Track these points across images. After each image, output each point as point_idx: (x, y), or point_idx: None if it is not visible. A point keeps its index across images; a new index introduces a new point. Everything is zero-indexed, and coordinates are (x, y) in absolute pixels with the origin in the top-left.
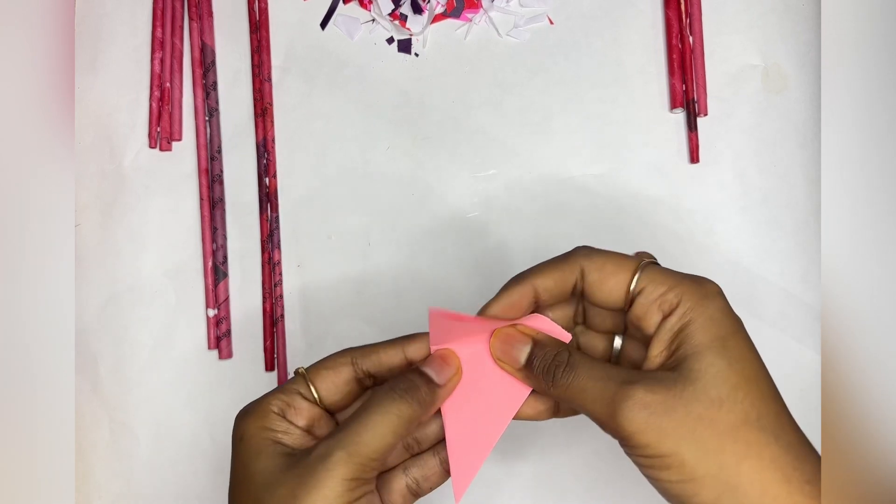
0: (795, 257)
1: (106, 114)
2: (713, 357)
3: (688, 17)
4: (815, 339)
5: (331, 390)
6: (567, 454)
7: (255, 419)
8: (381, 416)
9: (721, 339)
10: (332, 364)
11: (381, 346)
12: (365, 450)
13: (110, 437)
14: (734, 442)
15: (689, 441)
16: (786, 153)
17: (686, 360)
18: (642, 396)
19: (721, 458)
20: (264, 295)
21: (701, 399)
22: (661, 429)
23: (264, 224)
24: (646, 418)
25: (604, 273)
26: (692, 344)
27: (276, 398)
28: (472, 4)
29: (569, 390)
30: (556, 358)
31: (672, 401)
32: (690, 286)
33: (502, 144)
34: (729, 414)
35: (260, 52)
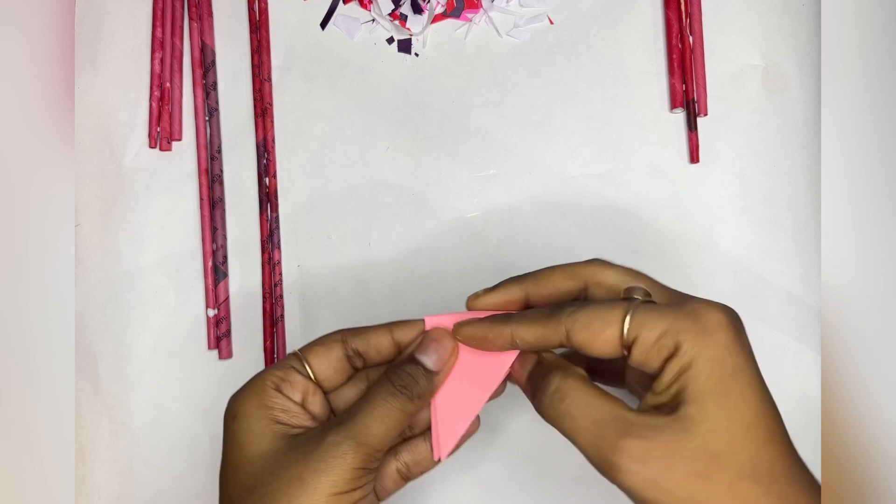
0: (796, 257)
1: (106, 114)
2: (714, 406)
3: (688, 16)
4: (815, 339)
5: (323, 366)
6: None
7: (251, 396)
8: (387, 409)
9: (722, 383)
10: (323, 341)
11: (372, 328)
12: (373, 440)
13: (110, 437)
14: (728, 499)
15: (686, 498)
16: (786, 153)
17: (687, 406)
18: (642, 450)
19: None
20: (264, 295)
21: (700, 456)
22: (658, 485)
23: (264, 224)
24: (645, 472)
25: (591, 331)
26: (694, 390)
27: (270, 374)
28: (472, 4)
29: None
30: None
31: (672, 455)
32: (687, 324)
33: (502, 144)
34: (725, 470)
35: (260, 52)
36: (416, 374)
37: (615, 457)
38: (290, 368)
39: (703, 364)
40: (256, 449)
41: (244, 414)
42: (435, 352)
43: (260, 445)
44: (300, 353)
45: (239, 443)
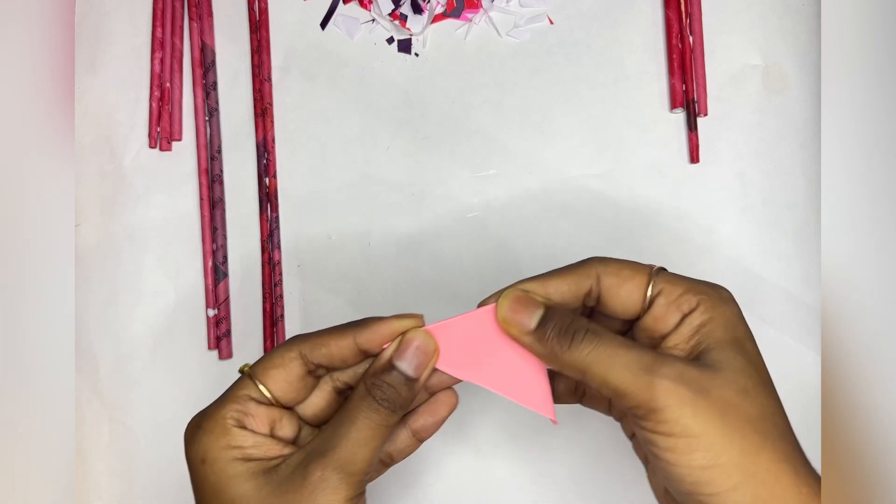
0: (795, 257)
1: (106, 114)
2: (735, 353)
3: (688, 17)
4: (815, 339)
5: (284, 389)
6: (570, 449)
7: (214, 437)
8: (371, 430)
9: (739, 341)
10: (280, 361)
11: (331, 335)
12: (361, 467)
13: (110, 437)
14: (756, 432)
15: (719, 424)
16: (786, 153)
17: (710, 353)
18: (681, 370)
19: (744, 445)
20: (264, 295)
21: (730, 386)
22: (695, 406)
23: (264, 224)
24: (683, 392)
25: (620, 277)
26: (715, 338)
27: (229, 409)
28: (472, 4)
29: (591, 356)
30: (574, 322)
31: (706, 382)
32: (707, 289)
33: (502, 144)
34: (752, 406)
35: (260, 52)
36: (398, 385)
37: (657, 373)
38: (248, 399)
39: (720, 322)
40: (237, 491)
41: (213, 457)
42: (415, 357)
43: (240, 487)
44: (254, 377)
45: (215, 487)
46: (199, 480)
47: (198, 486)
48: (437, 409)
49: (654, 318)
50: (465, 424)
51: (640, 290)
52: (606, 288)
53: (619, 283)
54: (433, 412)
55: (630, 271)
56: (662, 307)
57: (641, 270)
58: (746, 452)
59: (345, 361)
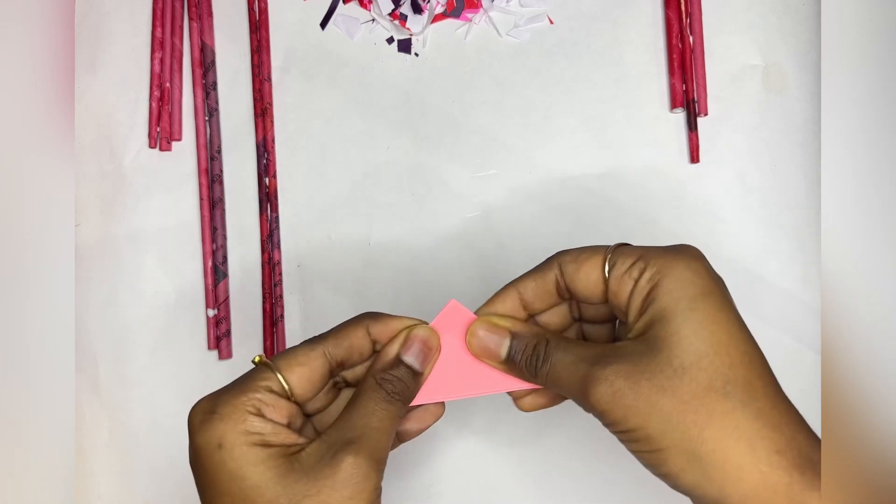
0: (795, 257)
1: (106, 114)
2: (678, 323)
3: (688, 16)
4: (815, 339)
5: (304, 387)
6: (570, 448)
7: (232, 423)
8: (389, 421)
9: (689, 301)
10: (304, 359)
11: (348, 331)
12: (384, 455)
13: (110, 437)
14: (695, 411)
15: (652, 414)
16: (786, 153)
17: (653, 327)
18: (608, 375)
19: (683, 427)
20: (264, 295)
21: (664, 370)
22: (626, 406)
23: (264, 224)
24: (611, 397)
25: (578, 262)
26: (658, 307)
27: (247, 397)
28: (472, 4)
29: (548, 379)
30: (535, 350)
31: (636, 375)
32: (659, 251)
33: (502, 144)
34: (691, 382)
35: (260, 52)
36: (407, 379)
37: (587, 386)
38: (268, 391)
39: (667, 284)
40: (260, 478)
41: (231, 442)
42: (420, 352)
43: (263, 473)
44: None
45: (235, 473)
46: (213, 466)
47: (212, 473)
48: (424, 417)
49: (613, 293)
50: (465, 424)
51: (597, 270)
52: (568, 276)
53: (577, 269)
54: (420, 419)
55: (587, 254)
56: (616, 280)
57: (598, 251)
58: (686, 436)
59: (362, 355)
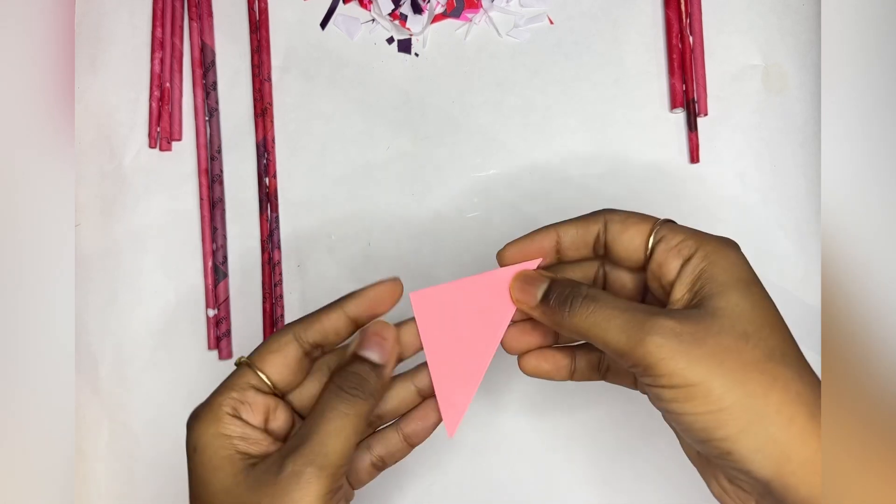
0: (795, 257)
1: (106, 114)
2: (737, 297)
3: (688, 16)
4: (815, 339)
5: (282, 374)
6: (570, 447)
7: (208, 425)
8: (341, 420)
9: (744, 283)
10: (276, 346)
11: (322, 312)
12: (334, 458)
13: (110, 437)
14: (761, 374)
15: (717, 370)
16: (786, 153)
17: (711, 299)
18: (672, 325)
19: (748, 388)
20: (264, 295)
21: (728, 332)
22: (689, 356)
23: (264, 224)
24: (676, 345)
25: (626, 224)
26: (716, 283)
27: (226, 398)
28: (472, 4)
29: (590, 318)
30: (573, 290)
31: (701, 332)
32: (709, 237)
33: (502, 144)
34: (755, 349)
35: (260, 52)
36: (364, 372)
37: (649, 330)
38: (247, 388)
39: (722, 265)
40: (220, 485)
41: (203, 445)
42: (377, 344)
43: (223, 482)
44: (252, 363)
45: (201, 479)
46: (190, 469)
47: (190, 476)
48: (427, 413)
49: (658, 264)
50: (465, 423)
51: (642, 236)
52: (612, 235)
53: (623, 230)
54: (424, 417)
55: (635, 220)
56: (663, 253)
57: (647, 220)
58: (752, 395)
59: (338, 335)
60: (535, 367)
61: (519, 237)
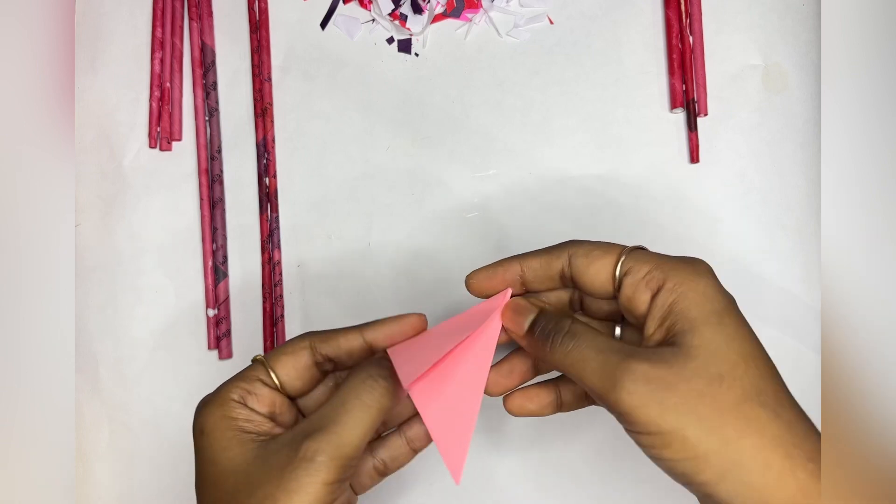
0: (795, 257)
1: (106, 113)
2: (710, 333)
3: (688, 16)
4: (815, 339)
5: (291, 375)
6: (570, 448)
7: (214, 409)
8: (362, 411)
9: (716, 315)
10: (291, 349)
11: (342, 331)
12: (346, 451)
13: (110, 437)
14: (735, 418)
15: (691, 417)
16: (786, 153)
17: (683, 336)
18: (644, 371)
19: (723, 434)
20: (264, 295)
21: (701, 375)
22: (662, 404)
23: (264, 224)
24: (647, 393)
25: (590, 258)
26: (687, 319)
27: (234, 386)
28: (472, 4)
29: (568, 357)
30: (557, 324)
31: (673, 377)
32: (677, 264)
33: (502, 144)
34: (729, 391)
35: (260, 52)
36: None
37: (620, 377)
38: (256, 381)
39: (693, 297)
40: (229, 464)
41: (210, 427)
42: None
43: (232, 460)
44: (266, 361)
45: (210, 458)
46: (197, 452)
47: (197, 457)
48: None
49: (627, 298)
50: None
51: (607, 269)
52: (576, 268)
53: (587, 264)
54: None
55: (600, 252)
56: (630, 287)
57: (612, 251)
58: (727, 441)
59: (351, 355)
60: (521, 408)
61: (484, 266)
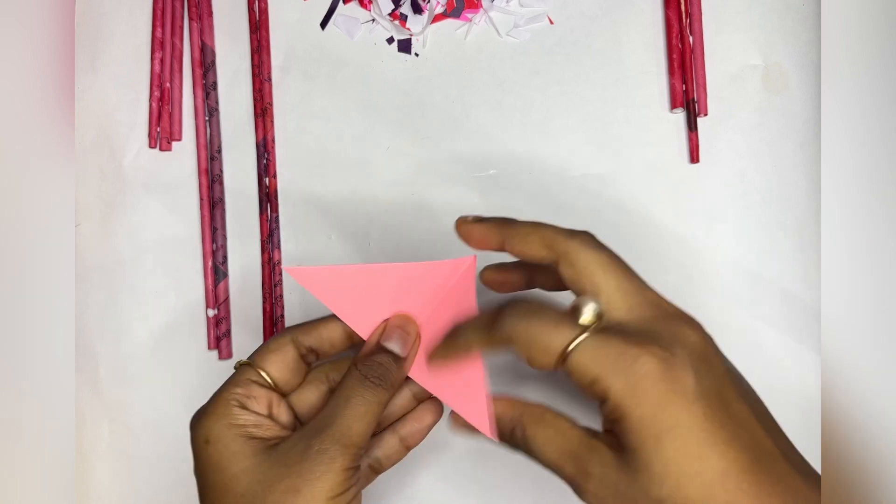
0: (795, 257)
1: (106, 113)
2: (650, 458)
3: (688, 16)
4: (815, 339)
5: (282, 371)
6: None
7: (217, 418)
8: (365, 405)
9: (655, 439)
10: (275, 346)
11: (321, 321)
12: (356, 439)
13: (110, 437)
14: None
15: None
16: (786, 153)
17: (627, 454)
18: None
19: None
20: (264, 295)
21: (643, 499)
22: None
23: (264, 224)
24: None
25: (531, 354)
26: (628, 440)
27: (231, 392)
28: (472, 4)
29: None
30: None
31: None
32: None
33: (502, 144)
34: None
35: (260, 52)
36: (387, 363)
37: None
38: (250, 382)
39: (632, 422)
40: (238, 467)
41: (216, 436)
42: (400, 337)
43: (241, 463)
44: (253, 363)
45: (217, 465)
46: (202, 462)
47: (201, 468)
48: (423, 416)
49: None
50: None
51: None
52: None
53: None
54: (420, 419)
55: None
56: (577, 387)
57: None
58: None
59: (333, 345)
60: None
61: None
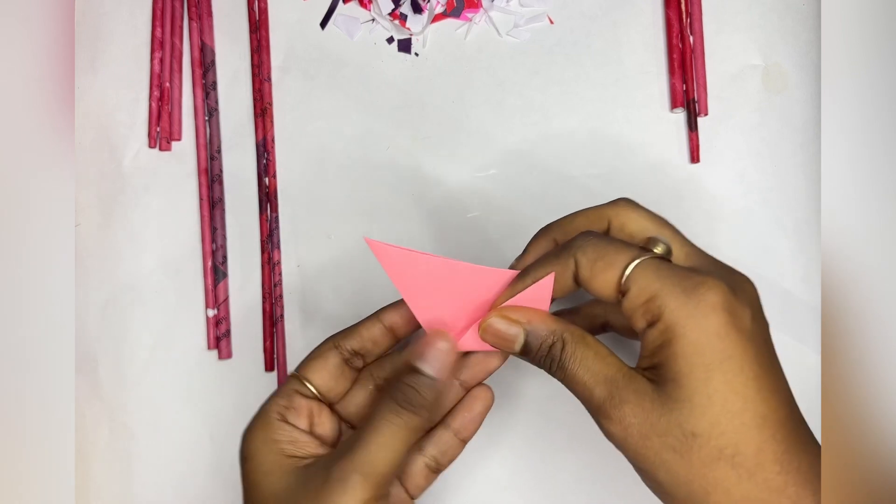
0: (795, 257)
1: (106, 113)
2: (691, 390)
3: (688, 16)
4: (815, 339)
5: (324, 378)
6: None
7: (258, 432)
8: (392, 431)
9: (704, 369)
10: (317, 353)
11: (361, 323)
12: (380, 469)
13: (110, 437)
14: (703, 477)
15: (661, 468)
16: (786, 153)
17: (665, 384)
18: (621, 418)
19: (690, 488)
20: (264, 295)
21: (674, 431)
22: (636, 452)
23: (264, 224)
24: (623, 440)
25: (594, 269)
26: (673, 368)
27: (274, 403)
28: (472, 4)
29: (564, 383)
30: (550, 351)
31: (648, 429)
32: (679, 299)
33: (502, 144)
34: (700, 450)
35: (260, 52)
36: (419, 385)
37: (600, 416)
38: (293, 393)
39: (684, 346)
40: (270, 489)
41: (253, 452)
42: (434, 358)
43: (273, 484)
44: (298, 373)
45: (254, 483)
46: (243, 479)
47: (243, 483)
48: (472, 404)
49: (626, 313)
50: None
51: (611, 284)
52: (582, 278)
53: (592, 276)
54: (469, 408)
55: (604, 263)
56: (628, 309)
57: (619, 261)
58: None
59: (376, 343)
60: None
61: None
